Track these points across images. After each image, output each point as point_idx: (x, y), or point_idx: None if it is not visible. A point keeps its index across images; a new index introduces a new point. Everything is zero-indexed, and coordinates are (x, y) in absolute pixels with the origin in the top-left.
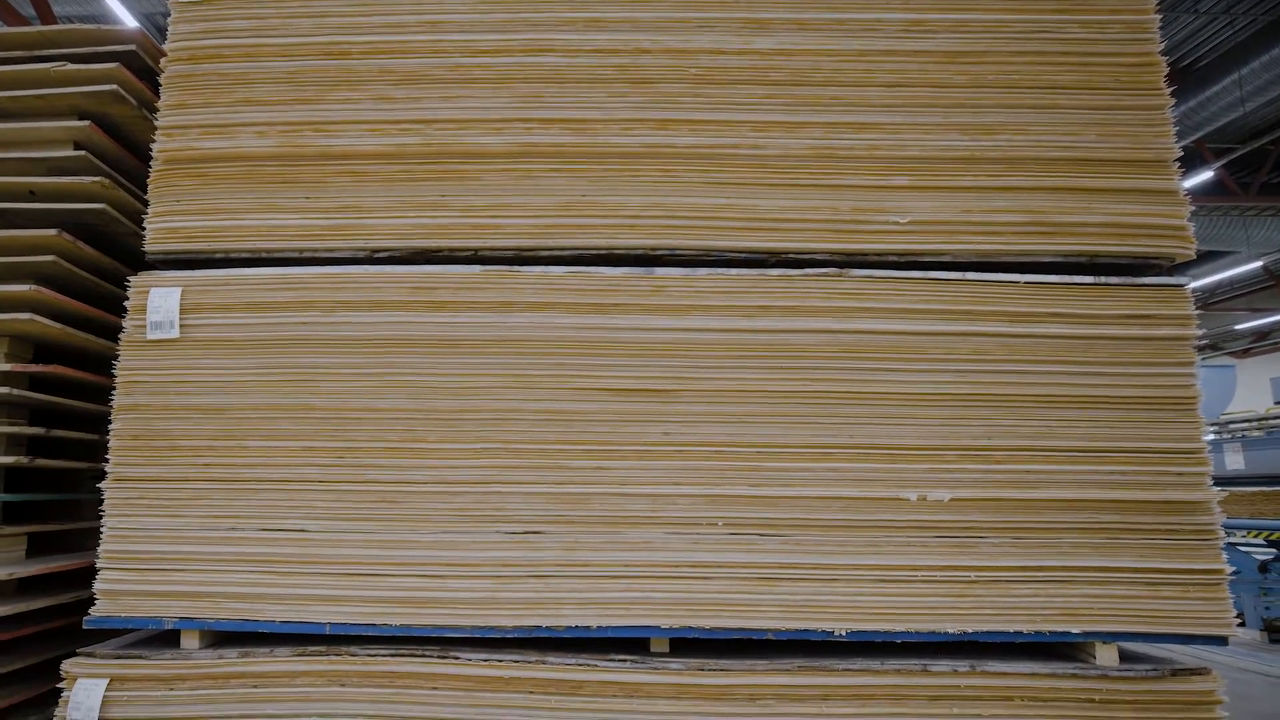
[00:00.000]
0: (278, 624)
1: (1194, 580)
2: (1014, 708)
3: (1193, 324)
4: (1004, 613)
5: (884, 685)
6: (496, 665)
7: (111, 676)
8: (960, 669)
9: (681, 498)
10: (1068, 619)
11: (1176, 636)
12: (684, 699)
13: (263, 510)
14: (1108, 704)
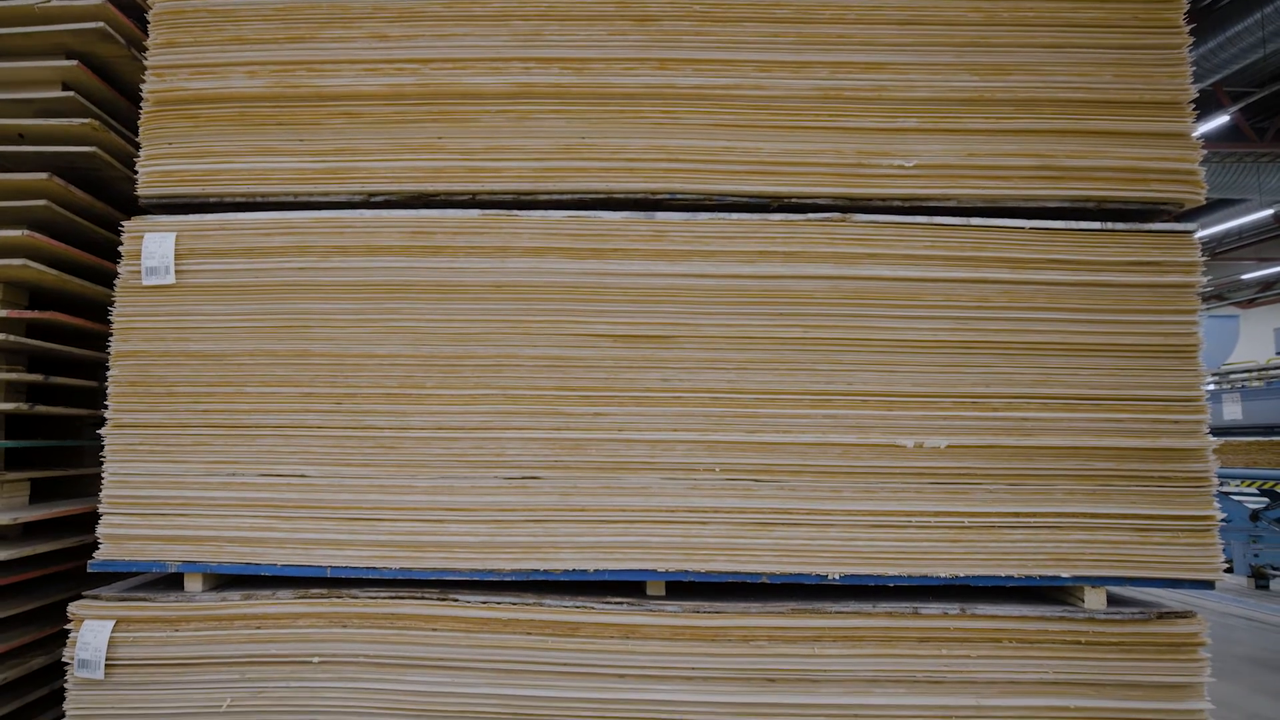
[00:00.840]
0: (279, 567)
1: (1184, 526)
2: (1002, 649)
3: (1198, 271)
4: (995, 557)
5: (875, 627)
6: (495, 607)
7: (118, 618)
8: (950, 612)
9: (679, 443)
10: (1058, 564)
11: (1165, 581)
12: (679, 640)
13: (262, 455)
14: (1094, 646)
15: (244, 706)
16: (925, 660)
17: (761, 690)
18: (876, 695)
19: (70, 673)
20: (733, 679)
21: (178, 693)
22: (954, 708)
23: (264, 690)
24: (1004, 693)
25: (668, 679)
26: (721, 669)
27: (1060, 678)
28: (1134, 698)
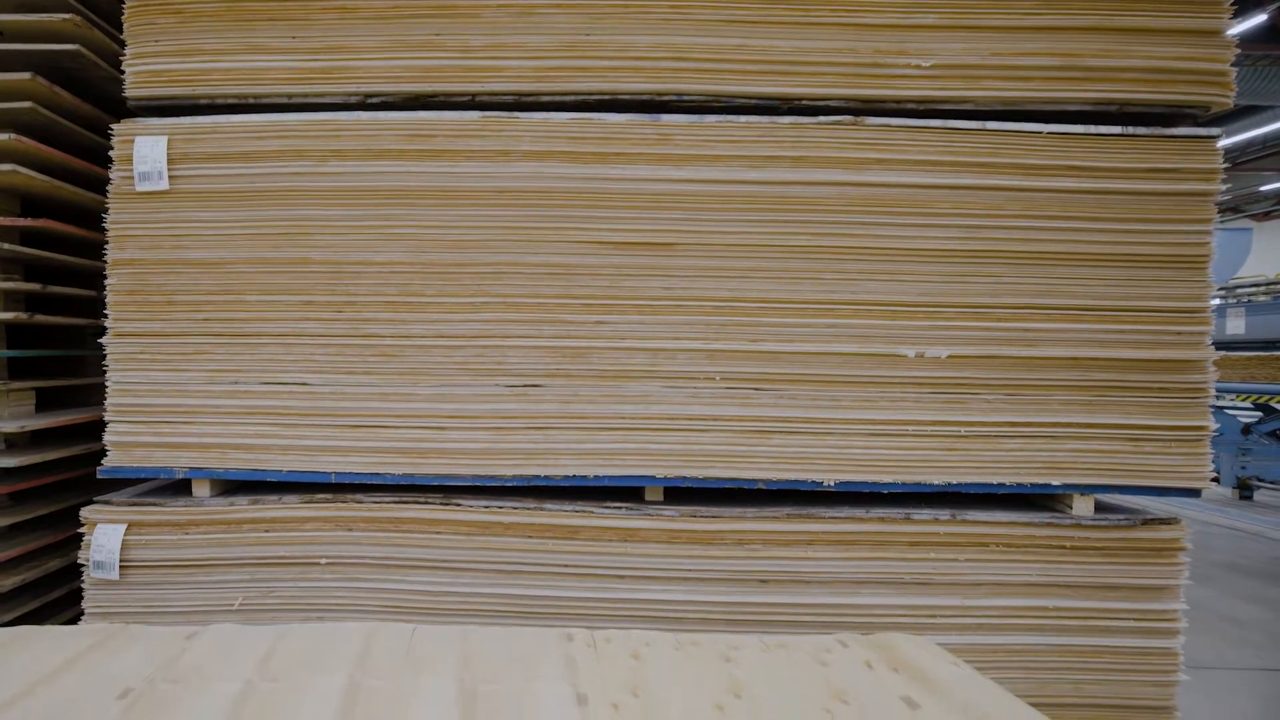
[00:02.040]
0: (285, 473)
1: (1177, 436)
2: (989, 553)
3: (1217, 179)
4: (988, 466)
5: (867, 532)
6: (496, 512)
7: (129, 522)
8: (941, 517)
9: (680, 352)
10: (1050, 472)
11: (1153, 489)
12: (676, 543)
13: (264, 364)
14: (1078, 550)
15: (255, 605)
16: (914, 563)
17: (755, 591)
18: (865, 596)
19: (86, 573)
20: (727, 580)
21: (191, 592)
22: (939, 607)
23: (274, 590)
24: (988, 594)
25: (664, 580)
26: (716, 570)
27: (1043, 580)
28: (1112, 599)
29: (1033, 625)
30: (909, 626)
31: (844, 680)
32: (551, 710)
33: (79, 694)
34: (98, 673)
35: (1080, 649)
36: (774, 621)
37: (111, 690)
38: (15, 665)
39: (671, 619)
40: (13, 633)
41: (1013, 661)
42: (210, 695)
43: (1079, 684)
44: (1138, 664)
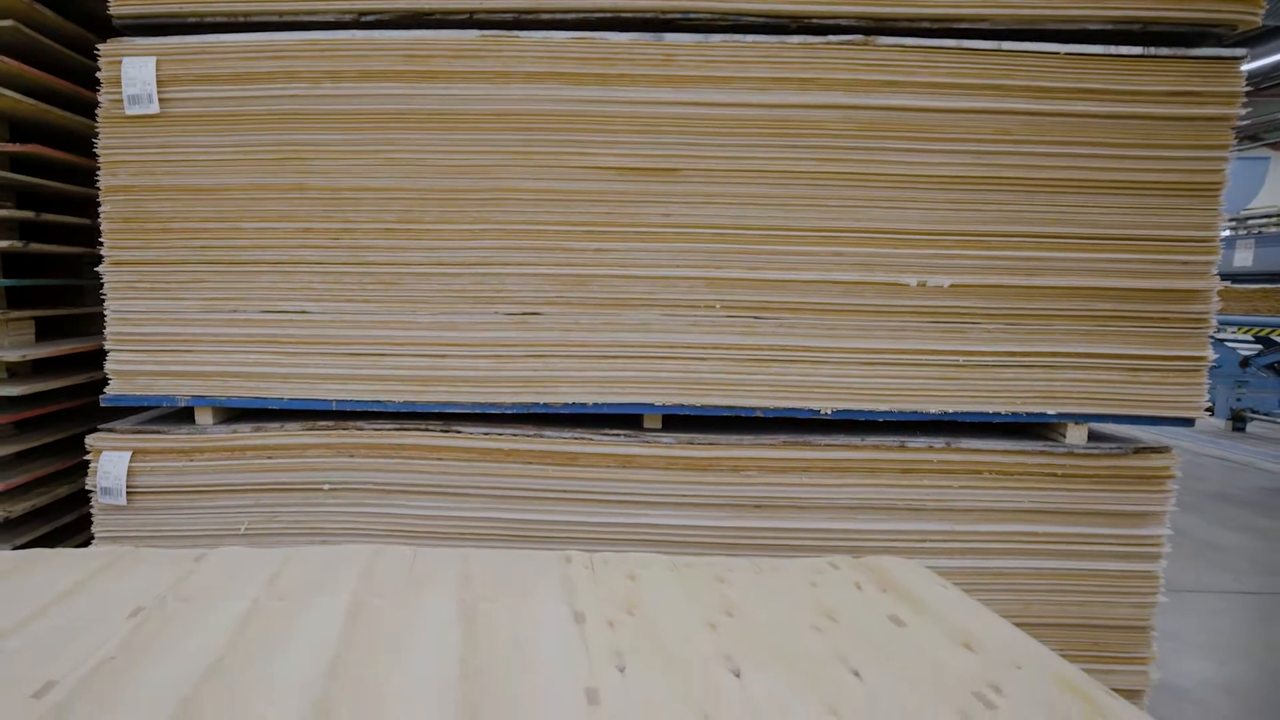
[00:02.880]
0: (286, 401)
1: (1175, 367)
2: (981, 480)
3: (1237, 103)
4: (985, 395)
5: (861, 459)
6: (496, 439)
7: (134, 449)
8: (936, 445)
9: (681, 280)
10: (1045, 401)
11: (1147, 419)
12: (673, 470)
13: (263, 292)
14: (1069, 478)
15: (260, 529)
16: (907, 490)
17: (750, 516)
18: (858, 521)
19: (94, 499)
20: (723, 505)
21: (197, 516)
22: (929, 532)
23: (278, 515)
24: (978, 520)
25: (661, 505)
26: (712, 496)
27: (1033, 507)
28: (1099, 524)
29: (1020, 550)
30: (900, 550)
31: (834, 600)
32: (549, 627)
33: (91, 612)
34: (109, 592)
35: (1065, 572)
36: (768, 545)
37: (123, 609)
38: (29, 586)
39: (668, 543)
40: (26, 555)
41: (999, 584)
42: (218, 613)
43: (1062, 605)
44: (1120, 586)
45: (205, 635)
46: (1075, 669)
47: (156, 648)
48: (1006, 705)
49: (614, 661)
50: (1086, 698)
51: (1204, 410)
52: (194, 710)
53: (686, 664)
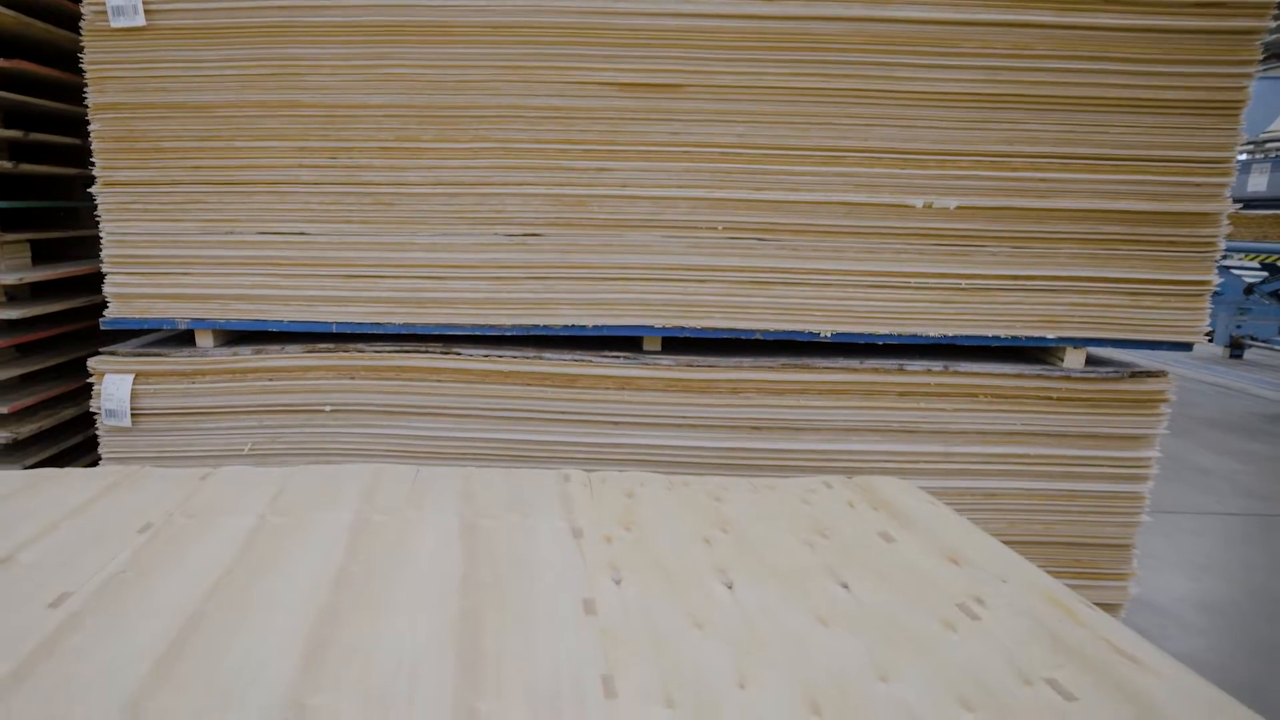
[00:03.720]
0: (286, 324)
1: (1179, 291)
2: (977, 403)
3: (1268, 15)
4: (986, 318)
5: (860, 382)
6: (496, 360)
7: (136, 372)
8: (934, 369)
9: (683, 200)
10: (1045, 325)
11: (1146, 343)
12: (671, 392)
13: (259, 213)
14: (1064, 401)
15: (264, 450)
16: (904, 412)
17: (747, 437)
18: (854, 442)
19: (99, 421)
20: (721, 427)
21: (202, 437)
22: (923, 454)
23: (281, 436)
24: (972, 441)
25: (660, 426)
26: (710, 418)
27: (1027, 429)
28: (1091, 447)
29: (1011, 471)
30: (894, 471)
31: (826, 518)
32: (548, 542)
33: (102, 528)
34: (118, 509)
35: (1053, 493)
36: (764, 466)
37: (132, 525)
38: (40, 503)
39: (666, 463)
40: (36, 474)
41: (988, 504)
42: (225, 529)
43: (1048, 524)
44: (1106, 506)
45: (213, 550)
46: (1057, 583)
47: (166, 561)
48: (989, 616)
49: (610, 574)
50: (1066, 609)
51: (1204, 336)
52: (203, 620)
53: (680, 577)
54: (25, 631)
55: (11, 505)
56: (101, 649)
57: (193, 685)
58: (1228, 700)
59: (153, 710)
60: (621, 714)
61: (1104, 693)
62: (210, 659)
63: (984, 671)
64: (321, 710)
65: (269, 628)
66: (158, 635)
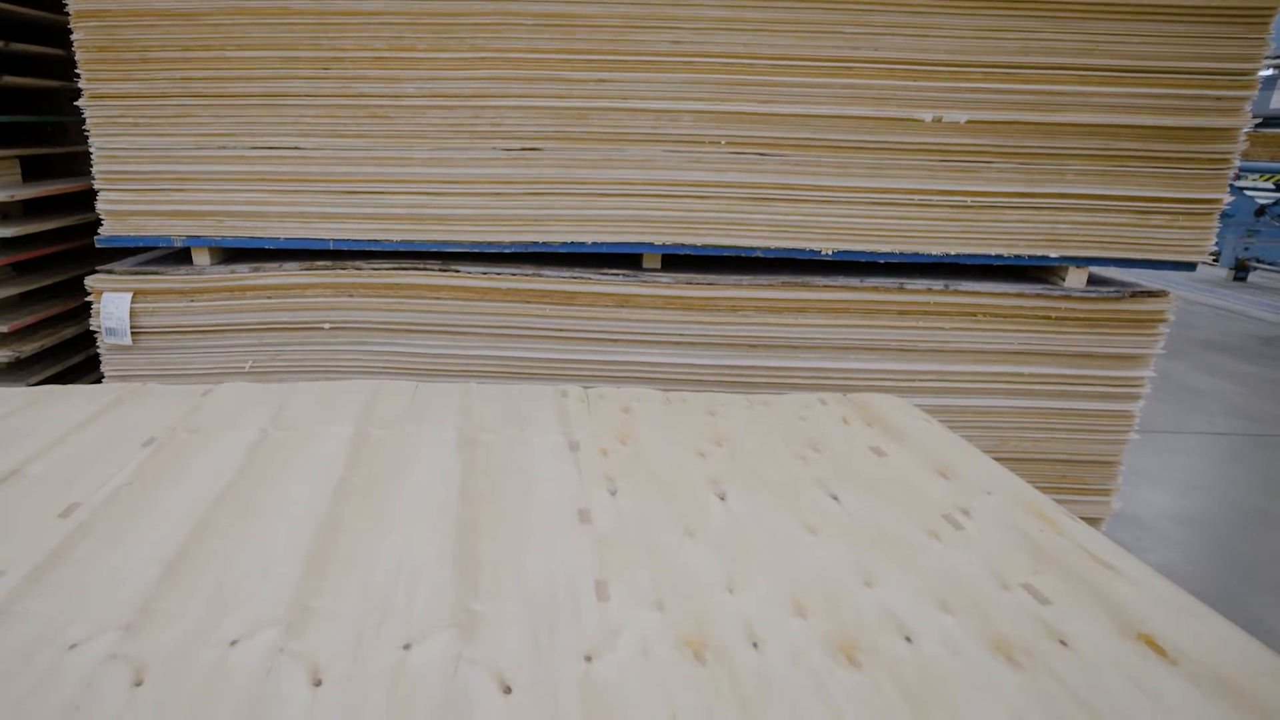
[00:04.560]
0: (283, 241)
1: (1187, 210)
2: (975, 322)
3: None
4: (989, 237)
5: (859, 300)
6: (495, 278)
7: (134, 290)
8: (935, 287)
9: (686, 114)
10: (1049, 244)
11: (1150, 263)
12: (670, 309)
13: (252, 127)
14: (1062, 321)
15: (265, 367)
16: (902, 331)
17: (744, 355)
18: (851, 361)
19: (100, 340)
20: (719, 344)
21: (202, 355)
22: (920, 372)
23: (281, 353)
24: (968, 360)
25: (658, 344)
26: (709, 335)
27: (1024, 348)
28: (1086, 366)
29: (1006, 390)
30: (890, 389)
31: (820, 433)
32: (545, 455)
33: (107, 442)
34: (122, 424)
35: (1046, 411)
36: (761, 384)
37: (137, 439)
38: (46, 418)
39: (664, 381)
40: (40, 390)
41: (981, 421)
42: (228, 442)
43: (1037, 441)
44: (1096, 424)
45: (216, 462)
46: (1041, 496)
47: (170, 474)
48: (973, 526)
49: (606, 486)
50: (1049, 520)
51: (1209, 257)
52: (208, 529)
53: (674, 488)
54: (38, 539)
55: (17, 421)
56: (111, 555)
57: (200, 589)
58: (1197, 604)
59: (162, 611)
60: (614, 616)
61: (1079, 597)
62: (216, 565)
63: (965, 577)
64: (324, 612)
65: (272, 536)
66: (165, 543)
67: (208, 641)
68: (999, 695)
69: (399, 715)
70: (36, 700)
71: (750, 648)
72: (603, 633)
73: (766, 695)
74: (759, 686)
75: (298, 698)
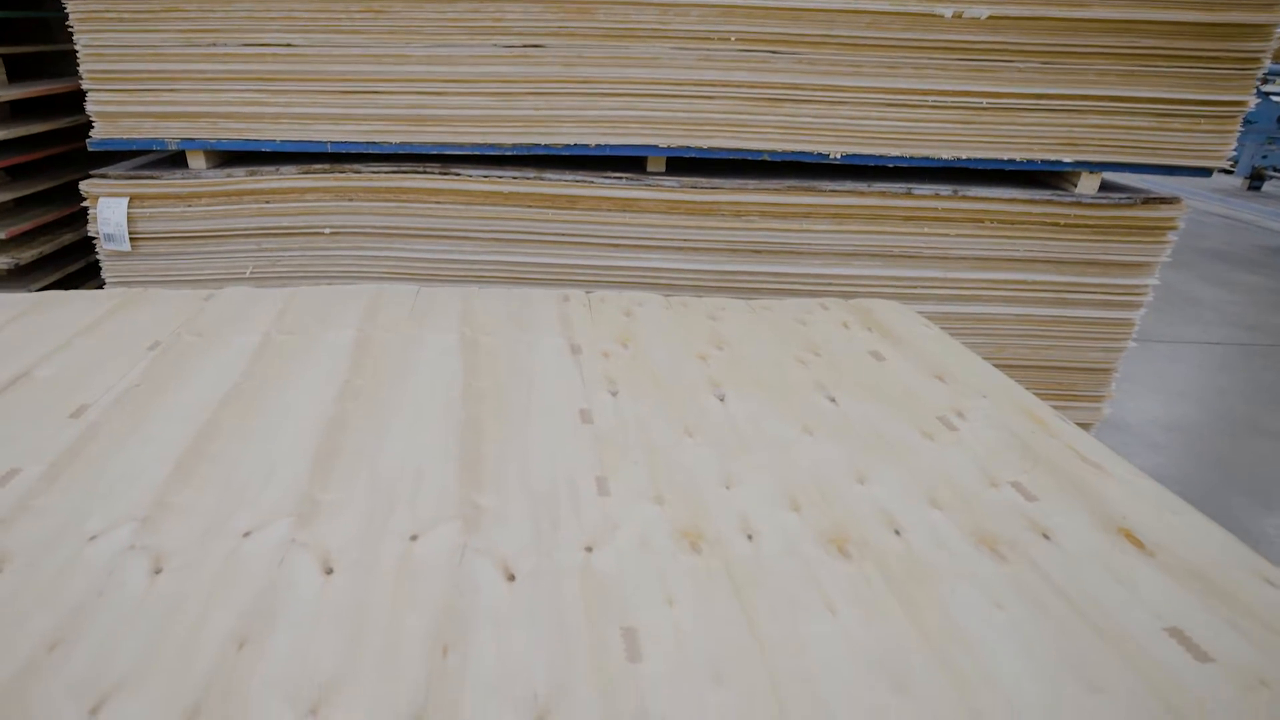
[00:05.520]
0: (280, 143)
1: (1209, 113)
2: (982, 229)
3: None
4: (1002, 141)
5: (866, 205)
6: (496, 181)
7: (130, 195)
8: (943, 193)
9: (694, 7)
10: (1064, 148)
11: (1166, 168)
12: (674, 214)
13: (242, 23)
14: (1070, 228)
15: (265, 273)
16: (907, 237)
17: (748, 260)
18: (855, 267)
19: (99, 246)
20: (722, 250)
21: (202, 261)
22: (923, 279)
23: (281, 259)
24: (972, 267)
25: (661, 249)
26: (712, 240)
27: (1029, 256)
28: (1090, 274)
29: (1008, 297)
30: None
31: (820, 337)
32: (546, 357)
33: (112, 346)
34: (125, 328)
35: (1047, 319)
36: (764, 290)
37: (141, 342)
38: (51, 322)
39: (666, 286)
40: (43, 296)
41: (981, 328)
42: (231, 346)
43: (1036, 348)
44: (1095, 332)
45: (221, 365)
46: (1035, 399)
47: (177, 376)
48: (966, 427)
49: (607, 388)
50: (1040, 422)
51: (1227, 162)
52: (217, 429)
53: (674, 390)
54: (50, 438)
55: (22, 326)
56: (123, 454)
57: (211, 485)
58: (1178, 501)
59: (176, 506)
60: (613, 510)
61: (1064, 494)
62: (226, 462)
63: (955, 475)
64: (332, 505)
65: (279, 435)
66: (175, 442)
67: (222, 533)
68: (981, 584)
69: (407, 600)
70: (62, 586)
71: (745, 540)
72: (603, 526)
73: (759, 582)
74: (752, 574)
75: (310, 584)
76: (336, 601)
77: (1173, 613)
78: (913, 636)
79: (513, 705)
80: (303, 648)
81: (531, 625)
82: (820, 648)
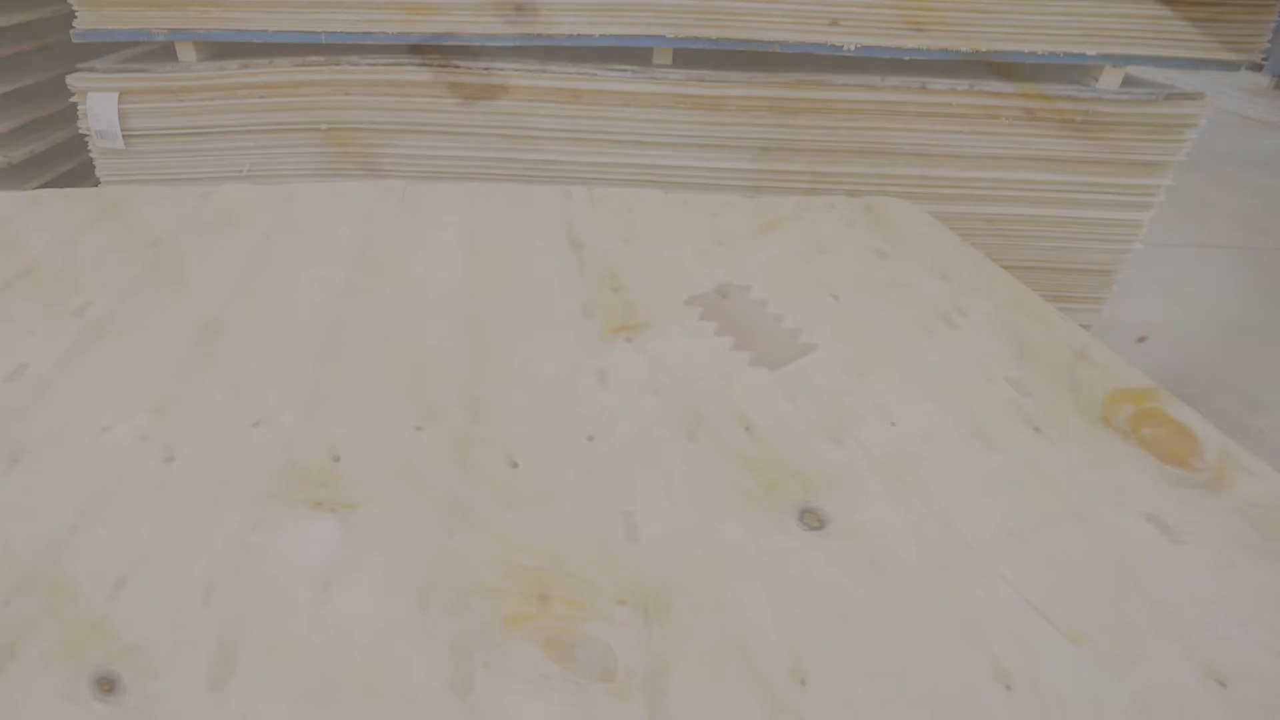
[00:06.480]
0: (272, 34)
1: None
2: (996, 126)
3: None
4: (1024, 31)
5: (879, 100)
6: (497, 74)
7: (120, 90)
8: (959, 87)
9: None
10: (1087, 40)
11: (1193, 61)
12: (680, 109)
13: None
14: (1087, 125)
15: (263, 170)
16: (919, 134)
17: (755, 158)
18: (864, 165)
19: (91, 143)
20: (728, 146)
21: (199, 158)
22: (934, 178)
23: (279, 156)
24: (985, 166)
25: (666, 145)
26: (718, 137)
27: (1043, 154)
28: (1104, 174)
29: (1017, 197)
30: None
31: (824, 235)
32: (547, 253)
33: (112, 243)
34: (125, 226)
35: (1055, 220)
36: (771, 188)
37: (140, 239)
38: (49, 220)
39: (671, 183)
40: (39, 194)
41: (988, 228)
42: (232, 243)
43: (1041, 250)
44: (1102, 234)
45: (222, 263)
46: (1036, 297)
47: (178, 273)
48: (966, 324)
49: (608, 283)
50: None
51: (1258, 53)
52: (220, 327)
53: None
54: (56, 333)
55: (19, 224)
56: (129, 349)
57: (219, 378)
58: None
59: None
60: (612, 401)
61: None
62: (231, 359)
63: (951, 370)
64: (338, 398)
65: (283, 331)
66: (180, 336)
67: (231, 423)
68: (969, 472)
69: (413, 484)
70: (79, 473)
71: (742, 430)
72: (603, 416)
73: (753, 466)
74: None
75: (320, 469)
76: (346, 483)
77: (1153, 501)
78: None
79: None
80: (311, 529)
81: (534, 507)
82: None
